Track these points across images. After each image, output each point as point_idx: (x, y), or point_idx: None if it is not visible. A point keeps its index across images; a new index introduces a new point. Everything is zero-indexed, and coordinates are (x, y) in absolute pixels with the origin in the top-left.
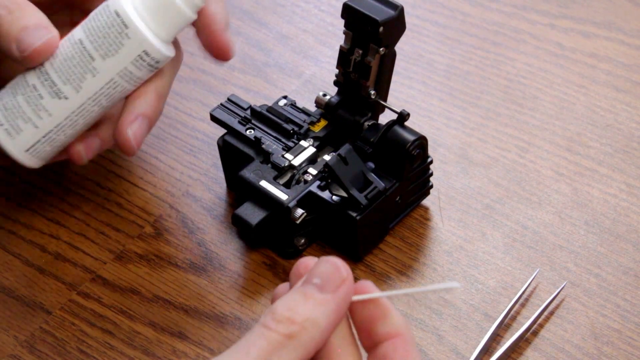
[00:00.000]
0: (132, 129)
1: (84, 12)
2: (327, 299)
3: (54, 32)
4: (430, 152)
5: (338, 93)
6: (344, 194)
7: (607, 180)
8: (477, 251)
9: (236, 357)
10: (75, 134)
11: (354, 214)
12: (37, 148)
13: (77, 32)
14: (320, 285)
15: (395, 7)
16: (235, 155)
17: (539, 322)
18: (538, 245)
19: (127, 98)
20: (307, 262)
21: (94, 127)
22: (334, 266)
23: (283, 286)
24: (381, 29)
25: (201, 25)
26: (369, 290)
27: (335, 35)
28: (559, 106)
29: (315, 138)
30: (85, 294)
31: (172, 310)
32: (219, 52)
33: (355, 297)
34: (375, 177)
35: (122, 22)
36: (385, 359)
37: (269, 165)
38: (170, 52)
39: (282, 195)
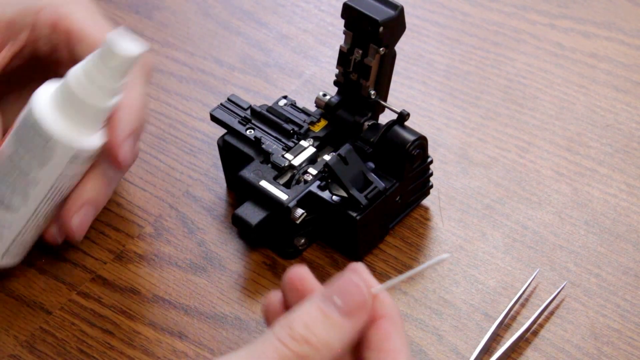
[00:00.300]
0: (77, 218)
1: (59, 75)
2: (345, 324)
3: None
4: (430, 152)
5: (338, 93)
6: (344, 194)
7: (607, 180)
8: (477, 251)
9: None
10: (44, 225)
11: (354, 214)
12: (10, 252)
13: (8, 148)
14: (341, 307)
15: (395, 7)
16: (235, 155)
17: (539, 322)
18: (538, 245)
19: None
20: (301, 273)
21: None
22: (357, 288)
23: (275, 294)
24: (381, 29)
25: (107, 128)
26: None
27: (335, 35)
28: (559, 106)
29: (315, 138)
30: (85, 294)
31: (172, 310)
32: (113, 161)
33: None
34: (375, 177)
35: (43, 135)
36: (366, 338)
37: (269, 165)
38: (101, 139)
39: (282, 195)
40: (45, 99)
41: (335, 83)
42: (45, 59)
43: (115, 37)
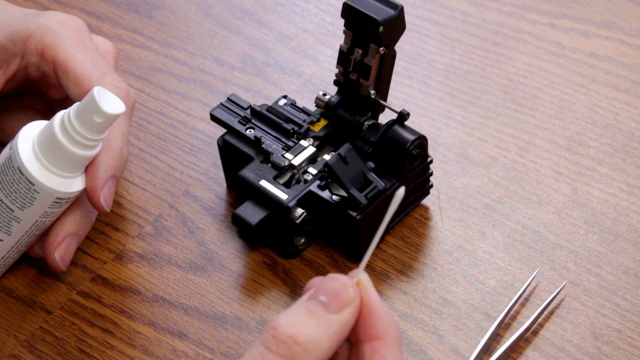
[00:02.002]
0: (59, 251)
1: (47, 98)
2: (332, 320)
3: None
4: (430, 151)
5: (338, 93)
6: (344, 194)
7: (607, 180)
8: (477, 251)
9: None
10: (27, 248)
11: (354, 214)
12: None
13: None
14: (327, 303)
15: (395, 6)
16: (235, 154)
17: (539, 321)
18: (538, 245)
19: None
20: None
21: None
22: (342, 285)
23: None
24: (381, 28)
25: (87, 173)
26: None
27: (335, 35)
28: (559, 106)
29: (315, 138)
30: (85, 294)
31: (172, 310)
32: (94, 205)
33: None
34: (375, 176)
35: (26, 180)
36: (362, 359)
37: (269, 164)
38: (82, 183)
39: (282, 195)
40: (29, 142)
41: (335, 83)
42: (38, 82)
43: (100, 92)
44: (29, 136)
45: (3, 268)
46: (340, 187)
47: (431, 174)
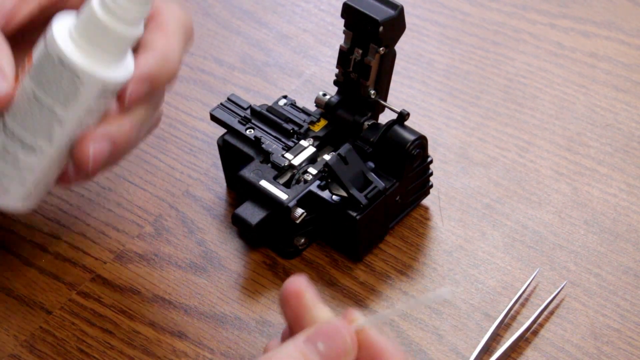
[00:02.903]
0: (93, 147)
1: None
2: None
3: (9, 80)
4: (430, 151)
5: (338, 93)
6: (344, 194)
7: (607, 180)
8: (477, 251)
9: None
10: (62, 168)
11: (354, 214)
12: (31, 196)
13: (29, 85)
14: (323, 354)
15: (395, 6)
16: (235, 154)
17: (539, 321)
18: (538, 245)
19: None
20: (297, 289)
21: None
22: (340, 335)
23: (275, 343)
24: (381, 28)
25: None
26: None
27: (335, 35)
28: (559, 106)
29: (315, 138)
30: (85, 294)
31: (172, 310)
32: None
33: (355, 325)
34: (375, 176)
35: (70, 70)
36: None
37: (269, 164)
38: (130, 67)
39: (282, 195)
40: (65, 30)
41: (335, 83)
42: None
43: None
44: (64, 24)
45: (43, 192)
46: (340, 187)
47: (431, 174)
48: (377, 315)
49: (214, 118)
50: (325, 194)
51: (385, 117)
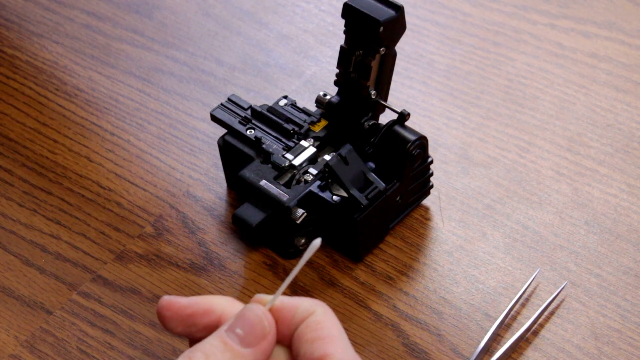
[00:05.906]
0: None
1: None
2: (246, 354)
3: None
4: (430, 152)
5: (338, 93)
6: (345, 194)
7: (607, 180)
8: (478, 251)
9: None
10: None
11: (355, 214)
12: None
13: None
14: (242, 337)
15: (395, 7)
16: (235, 155)
17: (539, 322)
18: (538, 245)
19: None
20: (166, 304)
21: None
22: (258, 318)
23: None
24: (381, 29)
25: None
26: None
27: (335, 35)
28: (559, 106)
29: (315, 138)
30: (85, 294)
31: None
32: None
33: (268, 305)
34: (375, 177)
35: None
36: (300, 337)
37: (269, 165)
38: None
39: (283, 195)
40: None
41: (336, 83)
42: None
43: None
44: None
45: None
46: (341, 187)
47: (431, 174)
48: (279, 288)
49: (214, 118)
50: (326, 195)
51: (385, 118)
